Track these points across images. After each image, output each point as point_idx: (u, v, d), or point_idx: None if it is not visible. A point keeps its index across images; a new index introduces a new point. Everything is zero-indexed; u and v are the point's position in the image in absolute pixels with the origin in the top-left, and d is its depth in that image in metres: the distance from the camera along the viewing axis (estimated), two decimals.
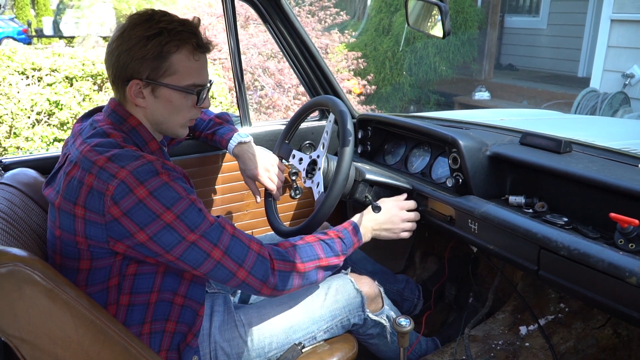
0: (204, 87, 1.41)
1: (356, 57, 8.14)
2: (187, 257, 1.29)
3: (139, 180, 1.23)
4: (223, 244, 1.33)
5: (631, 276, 1.19)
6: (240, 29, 6.60)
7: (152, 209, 1.24)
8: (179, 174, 1.36)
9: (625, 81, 7.23)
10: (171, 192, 1.27)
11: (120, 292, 1.36)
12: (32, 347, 1.05)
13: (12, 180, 1.56)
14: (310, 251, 1.50)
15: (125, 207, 1.22)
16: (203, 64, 1.41)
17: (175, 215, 1.26)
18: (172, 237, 1.27)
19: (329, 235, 1.59)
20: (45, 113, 5.12)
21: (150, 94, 1.37)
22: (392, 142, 2.31)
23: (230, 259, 1.34)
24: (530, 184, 1.71)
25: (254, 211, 2.42)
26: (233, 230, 1.37)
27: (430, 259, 2.69)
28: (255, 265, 1.37)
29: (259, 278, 1.38)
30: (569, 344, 1.96)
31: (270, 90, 6.44)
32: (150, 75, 1.34)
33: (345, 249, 1.60)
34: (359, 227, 1.68)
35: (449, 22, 1.54)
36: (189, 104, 1.41)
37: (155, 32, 1.31)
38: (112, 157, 1.26)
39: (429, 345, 2.12)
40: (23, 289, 1.03)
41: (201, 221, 1.30)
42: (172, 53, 1.33)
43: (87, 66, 5.33)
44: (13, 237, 1.26)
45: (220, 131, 1.97)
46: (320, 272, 1.54)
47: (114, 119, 1.40)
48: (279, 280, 1.41)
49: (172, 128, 1.46)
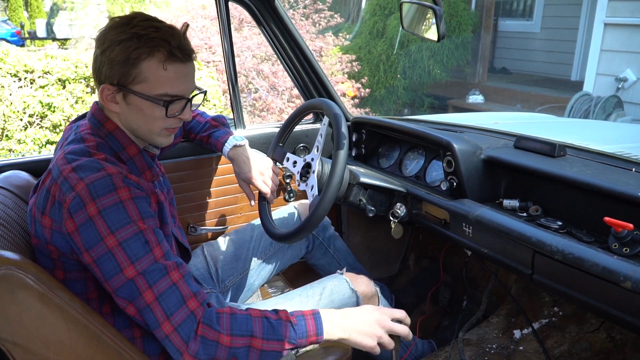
0: (179, 97, 1.33)
1: (350, 60, 8.14)
2: (122, 292, 1.20)
3: (92, 195, 1.19)
4: (158, 289, 1.20)
5: (625, 280, 1.20)
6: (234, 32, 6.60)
7: (98, 229, 1.18)
8: (144, 192, 1.30)
9: (619, 85, 7.27)
10: (121, 215, 1.20)
11: (102, 302, 1.33)
12: (24, 351, 1.05)
13: (5, 182, 1.55)
14: (246, 325, 1.27)
15: (77, 221, 1.19)
16: (179, 73, 1.31)
17: (117, 242, 1.18)
18: (112, 265, 1.19)
19: (279, 315, 1.32)
20: (37, 115, 5.11)
21: (122, 100, 1.31)
22: (387, 145, 2.32)
23: (160, 307, 1.20)
24: (525, 188, 1.71)
25: (247, 214, 2.42)
26: (178, 279, 1.24)
27: (425, 262, 2.69)
28: (182, 323, 1.21)
29: (183, 338, 1.20)
30: (562, 347, 1.97)
31: (264, 92, 6.44)
32: (121, 81, 1.28)
33: (295, 337, 1.31)
34: (321, 319, 1.35)
35: (443, 26, 1.54)
36: (160, 115, 1.33)
37: (126, 37, 1.25)
38: (76, 168, 1.23)
39: (425, 347, 2.13)
40: (16, 293, 1.02)
41: (143, 254, 1.20)
42: (141, 60, 1.26)
43: (80, 68, 5.32)
44: (7, 240, 1.25)
45: (215, 134, 1.95)
46: (254, 354, 1.26)
47: (93, 123, 1.37)
48: (201, 348, 1.21)
49: (148, 136, 1.38)
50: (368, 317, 1.38)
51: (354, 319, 1.37)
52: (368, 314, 1.38)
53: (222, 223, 2.36)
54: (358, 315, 1.38)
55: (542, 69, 10.21)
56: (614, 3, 7.28)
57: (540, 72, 10.20)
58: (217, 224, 2.35)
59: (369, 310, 1.40)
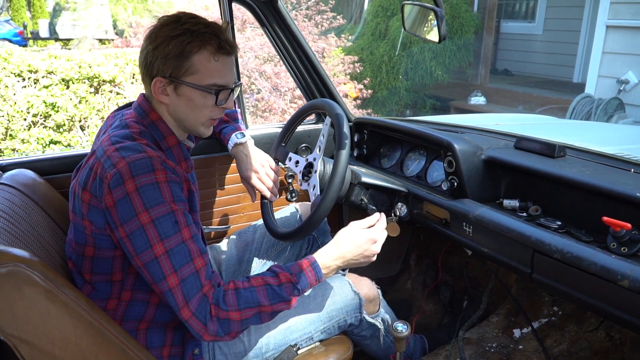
0: (225, 87, 1.44)
1: (353, 61, 8.15)
2: (150, 269, 1.28)
3: (132, 173, 1.27)
4: (182, 273, 1.29)
5: (623, 279, 1.21)
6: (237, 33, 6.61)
7: (134, 205, 1.27)
8: (179, 177, 1.37)
9: (620, 87, 7.27)
10: (156, 194, 1.28)
11: (122, 288, 1.41)
12: (30, 347, 1.06)
13: (12, 180, 1.57)
14: (251, 297, 1.37)
15: (116, 197, 1.27)
16: (226, 65, 1.43)
17: (150, 219, 1.27)
18: (143, 240, 1.27)
19: (280, 279, 1.43)
20: (41, 115, 5.13)
21: (173, 91, 1.42)
22: (388, 146, 2.33)
23: (181, 292, 1.29)
24: (525, 188, 1.72)
25: (249, 214, 2.43)
26: (200, 267, 1.33)
27: (425, 261, 2.70)
28: (199, 307, 1.30)
29: (201, 321, 1.30)
30: (562, 346, 1.98)
31: (267, 93, 6.45)
32: (173, 74, 1.39)
33: (299, 292, 1.44)
34: (320, 267, 1.50)
35: (445, 27, 1.55)
36: (210, 103, 1.44)
37: (179, 33, 1.36)
38: (119, 148, 1.32)
39: (417, 344, 2.14)
40: (22, 290, 1.03)
41: (173, 233, 1.29)
42: (193, 53, 1.37)
43: (83, 68, 5.33)
44: (15, 237, 1.27)
45: (224, 130, 2.01)
46: (265, 316, 1.41)
47: (138, 112, 1.47)
48: (219, 327, 1.32)
49: (194, 126, 1.49)
50: (354, 245, 1.56)
51: (346, 255, 1.54)
52: (353, 241, 1.56)
53: (225, 222, 2.37)
54: (349, 250, 1.55)
55: (544, 71, 10.21)
56: (616, 5, 7.28)
57: (542, 74, 10.20)
58: (219, 223, 2.36)
59: (355, 242, 1.56)
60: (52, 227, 1.55)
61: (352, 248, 1.55)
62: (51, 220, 1.57)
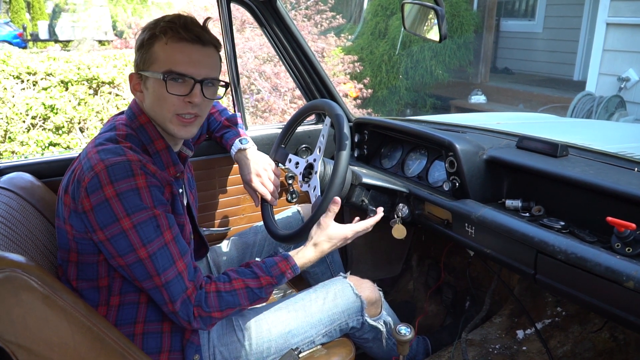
0: (183, 76, 1.36)
1: (352, 60, 8.14)
2: (133, 270, 1.31)
3: (111, 178, 1.26)
4: (165, 276, 1.32)
5: (628, 280, 1.19)
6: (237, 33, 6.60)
7: (114, 210, 1.26)
8: (159, 182, 1.36)
9: (621, 84, 7.26)
10: (137, 200, 1.28)
11: (110, 293, 1.40)
12: (28, 353, 1.05)
13: (9, 184, 1.56)
14: (232, 300, 1.43)
15: (93, 201, 1.26)
16: (184, 52, 1.36)
17: (132, 224, 1.27)
18: (125, 244, 1.28)
19: (261, 282, 1.49)
20: (40, 117, 5.11)
21: (144, 86, 1.41)
22: (389, 146, 2.32)
23: (165, 291, 1.33)
24: (527, 188, 1.71)
25: (249, 215, 2.42)
26: (183, 269, 1.36)
27: (427, 262, 2.69)
28: (182, 307, 1.34)
29: (184, 319, 1.36)
30: (566, 347, 1.97)
31: (267, 93, 6.44)
32: (139, 67, 1.40)
33: (277, 286, 1.55)
34: (297, 267, 1.58)
35: (445, 26, 1.54)
36: (166, 92, 1.36)
37: (146, 27, 1.38)
38: (100, 151, 1.31)
39: (419, 345, 2.13)
40: (20, 295, 1.02)
41: (155, 237, 1.30)
42: (154, 42, 1.36)
43: (82, 70, 5.31)
44: (12, 242, 1.26)
45: (226, 135, 2.00)
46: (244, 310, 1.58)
47: (128, 115, 1.46)
48: (201, 323, 1.39)
49: (163, 123, 1.43)
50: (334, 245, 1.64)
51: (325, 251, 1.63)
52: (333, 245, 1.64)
53: (225, 224, 2.36)
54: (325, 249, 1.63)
55: (544, 69, 10.20)
56: (616, 3, 7.28)
57: (543, 72, 10.20)
58: (219, 225, 2.35)
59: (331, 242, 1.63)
60: (51, 231, 1.53)
61: (328, 247, 1.64)
62: (49, 224, 1.56)
